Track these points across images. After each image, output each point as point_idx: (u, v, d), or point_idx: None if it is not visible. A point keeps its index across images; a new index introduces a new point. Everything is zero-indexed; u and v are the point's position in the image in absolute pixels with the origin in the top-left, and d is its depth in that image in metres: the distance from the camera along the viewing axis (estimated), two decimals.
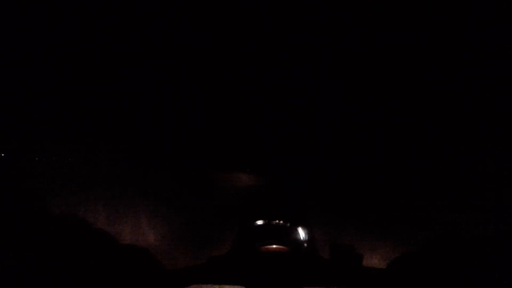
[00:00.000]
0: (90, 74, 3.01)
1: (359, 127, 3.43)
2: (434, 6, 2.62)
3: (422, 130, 3.13)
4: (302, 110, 3.63)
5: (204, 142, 3.88)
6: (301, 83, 3.38)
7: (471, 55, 2.76)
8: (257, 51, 3.15)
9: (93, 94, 3.11)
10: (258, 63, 3.23)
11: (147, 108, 3.37)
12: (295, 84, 3.39)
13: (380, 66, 2.97)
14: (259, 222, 1.18)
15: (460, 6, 2.55)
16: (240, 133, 4.06)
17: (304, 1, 2.83)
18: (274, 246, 1.09)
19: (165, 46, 3.08)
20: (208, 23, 2.93)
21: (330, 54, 3.06)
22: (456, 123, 3.06)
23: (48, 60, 2.84)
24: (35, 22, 2.72)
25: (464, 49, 2.76)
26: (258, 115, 3.71)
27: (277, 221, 1.17)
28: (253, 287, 0.82)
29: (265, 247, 1.09)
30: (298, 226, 1.17)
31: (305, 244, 1.16)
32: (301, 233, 1.15)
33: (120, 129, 3.36)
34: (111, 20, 2.83)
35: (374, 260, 2.48)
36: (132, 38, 2.95)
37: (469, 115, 3.05)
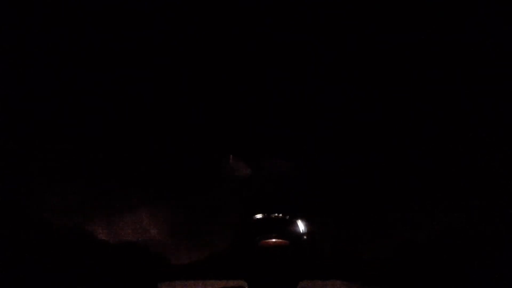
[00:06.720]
0: (90, 74, 3.02)
1: (359, 127, 3.43)
2: (434, 6, 2.64)
3: (422, 130, 3.12)
4: (302, 109, 3.64)
5: (205, 139, 3.88)
6: (301, 83, 3.39)
7: (471, 55, 2.78)
8: (257, 51, 3.17)
9: (93, 94, 3.12)
10: (258, 63, 3.25)
11: (146, 107, 3.37)
12: (295, 84, 3.40)
13: (380, 66, 2.99)
14: (259, 216, 1.18)
15: (460, 6, 2.57)
16: (241, 131, 4.06)
17: (304, 1, 2.85)
18: (274, 239, 1.09)
19: (165, 46, 3.10)
20: (208, 23, 2.95)
21: (330, 54, 3.08)
22: (456, 123, 3.06)
23: (48, 60, 2.85)
24: (35, 22, 2.74)
25: (464, 49, 2.78)
26: (258, 113, 3.71)
27: (276, 214, 1.17)
28: (254, 281, 0.82)
29: (265, 241, 1.09)
30: (298, 219, 1.17)
31: (305, 237, 1.16)
32: (301, 226, 1.15)
33: (120, 128, 3.36)
34: (111, 20, 2.85)
35: (374, 253, 2.47)
36: (132, 38, 2.97)
37: (469, 115, 3.06)
